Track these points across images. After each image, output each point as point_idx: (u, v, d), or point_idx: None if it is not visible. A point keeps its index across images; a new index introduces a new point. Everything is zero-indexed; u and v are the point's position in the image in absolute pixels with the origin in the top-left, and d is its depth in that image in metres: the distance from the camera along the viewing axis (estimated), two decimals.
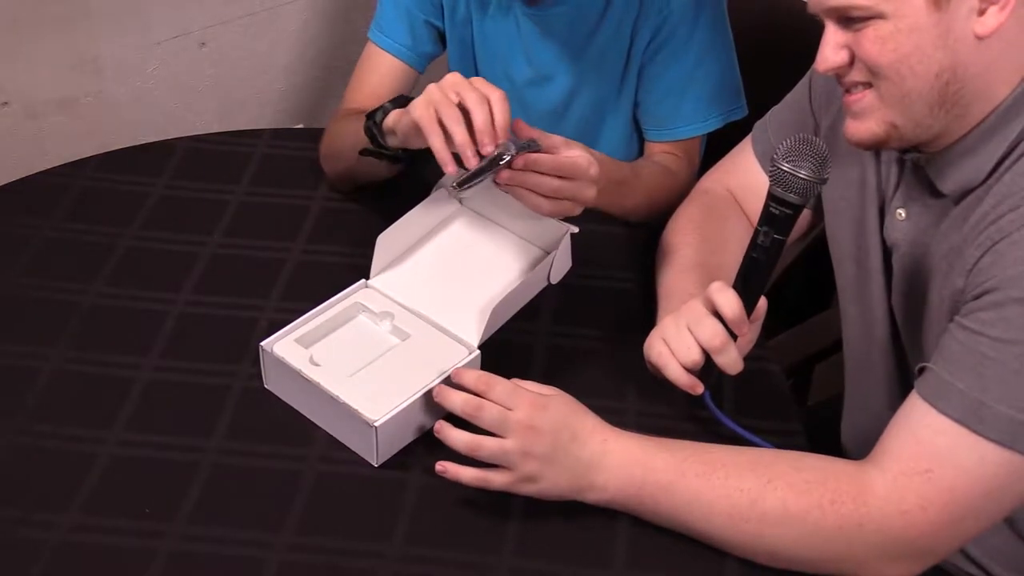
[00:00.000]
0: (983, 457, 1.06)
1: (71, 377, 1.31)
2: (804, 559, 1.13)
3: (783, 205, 1.13)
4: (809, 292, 1.73)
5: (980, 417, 1.05)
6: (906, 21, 1.06)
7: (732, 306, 1.16)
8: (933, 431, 1.07)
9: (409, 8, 1.64)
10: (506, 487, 1.16)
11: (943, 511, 1.07)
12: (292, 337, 1.29)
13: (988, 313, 1.06)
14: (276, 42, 2.40)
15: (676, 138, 1.63)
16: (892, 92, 1.11)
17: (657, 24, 1.57)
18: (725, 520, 1.12)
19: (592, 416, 1.18)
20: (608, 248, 1.51)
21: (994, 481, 1.07)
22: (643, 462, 1.15)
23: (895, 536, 1.09)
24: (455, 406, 1.17)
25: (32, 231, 1.50)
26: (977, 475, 1.06)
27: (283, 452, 1.24)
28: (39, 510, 1.17)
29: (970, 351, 1.06)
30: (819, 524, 1.10)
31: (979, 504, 1.08)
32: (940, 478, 1.07)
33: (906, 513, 1.08)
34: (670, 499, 1.14)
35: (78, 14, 2.13)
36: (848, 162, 1.27)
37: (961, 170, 1.13)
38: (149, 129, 2.21)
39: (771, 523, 1.11)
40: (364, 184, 1.54)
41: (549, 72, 1.64)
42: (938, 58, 1.08)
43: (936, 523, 1.08)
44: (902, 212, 1.21)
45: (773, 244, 1.15)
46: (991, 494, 1.08)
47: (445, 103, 1.25)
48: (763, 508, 1.11)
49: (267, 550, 1.15)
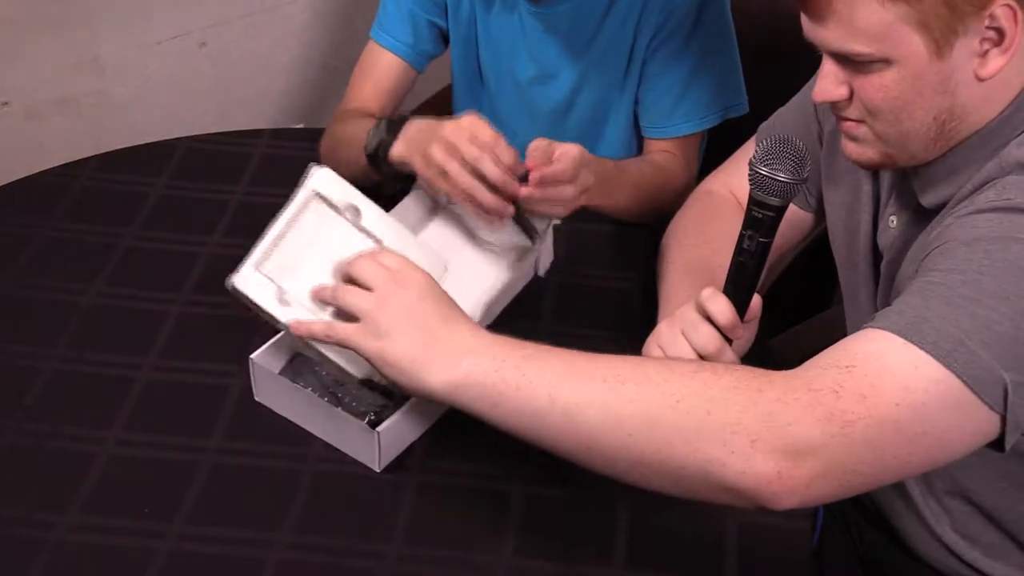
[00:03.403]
0: (916, 366, 0.95)
1: (71, 377, 1.31)
2: (677, 431, 0.97)
3: (765, 208, 1.13)
4: (809, 292, 1.73)
5: (918, 330, 0.97)
6: (909, 69, 1.04)
7: (724, 312, 1.16)
8: (865, 340, 0.99)
9: (411, 8, 1.64)
10: (350, 337, 1.11)
11: (858, 404, 0.94)
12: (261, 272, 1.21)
13: (934, 258, 1.03)
14: (276, 42, 2.40)
15: (673, 135, 1.63)
16: (889, 132, 1.10)
17: (660, 22, 1.57)
18: (598, 385, 1.00)
19: None
20: (608, 248, 1.51)
21: (921, 396, 0.95)
22: (513, 342, 1.06)
23: (793, 413, 0.95)
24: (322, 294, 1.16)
25: (32, 231, 1.50)
26: (905, 382, 0.95)
27: (282, 452, 1.24)
28: (39, 510, 1.17)
29: (913, 286, 1.02)
30: (708, 383, 0.98)
31: (903, 421, 0.95)
32: (863, 373, 0.96)
33: (816, 391, 0.95)
34: (543, 374, 1.02)
35: (78, 14, 2.13)
36: (849, 168, 1.27)
37: (941, 185, 1.13)
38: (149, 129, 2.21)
39: (652, 382, 0.99)
40: None
41: (553, 70, 1.64)
42: (938, 102, 1.06)
43: (843, 413, 0.94)
44: (894, 219, 1.20)
45: (758, 247, 1.15)
46: (919, 412, 0.95)
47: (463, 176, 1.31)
48: (646, 369, 1.02)
49: (266, 550, 1.15)
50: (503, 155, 1.31)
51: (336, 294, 1.15)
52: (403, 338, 1.08)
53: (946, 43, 1.02)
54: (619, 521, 1.18)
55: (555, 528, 1.18)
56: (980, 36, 1.02)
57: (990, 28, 1.02)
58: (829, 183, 1.32)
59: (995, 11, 1.01)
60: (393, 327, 1.09)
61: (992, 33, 1.02)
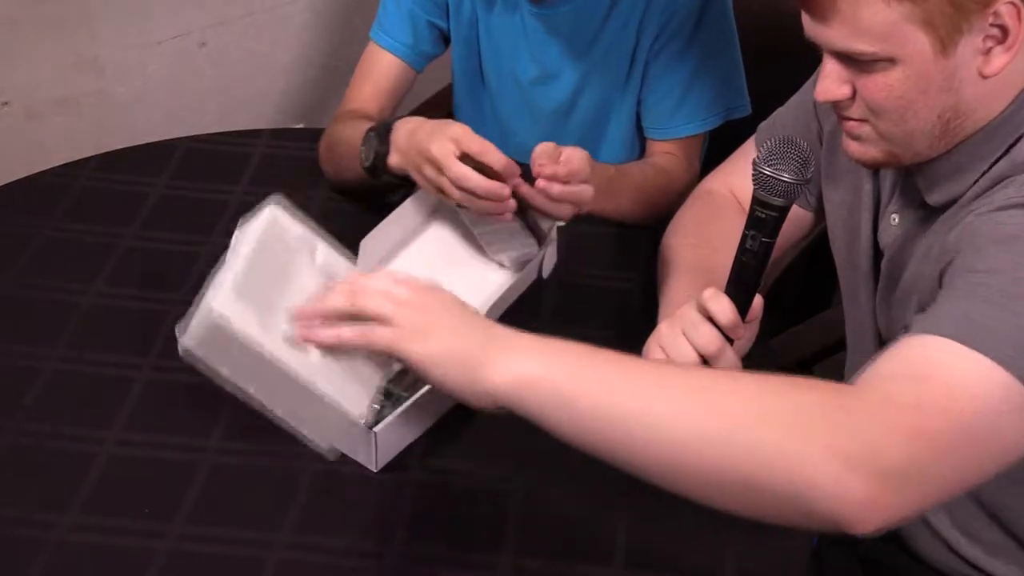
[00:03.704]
0: (981, 372, 0.95)
1: (71, 377, 1.31)
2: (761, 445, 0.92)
3: (768, 208, 1.13)
4: (809, 292, 1.73)
5: (977, 336, 0.96)
6: (914, 67, 1.04)
7: (725, 312, 1.16)
8: (925, 348, 0.97)
9: (412, 9, 1.64)
10: (391, 343, 1.00)
11: (941, 418, 0.93)
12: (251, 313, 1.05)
13: (967, 258, 1.02)
14: (276, 42, 2.40)
15: (676, 136, 1.63)
16: (893, 131, 1.10)
17: (662, 23, 1.57)
18: (669, 393, 0.95)
19: None
20: (609, 248, 1.51)
21: (993, 403, 0.95)
22: (560, 344, 0.99)
23: (881, 433, 0.92)
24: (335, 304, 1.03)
25: (32, 231, 1.50)
26: (978, 390, 0.94)
27: (282, 451, 1.24)
28: (39, 510, 1.17)
29: (956, 290, 1.01)
30: (797, 399, 0.95)
31: (975, 424, 0.95)
32: (938, 384, 0.95)
33: (901, 408, 0.93)
34: (599, 376, 0.97)
35: (78, 14, 2.13)
36: (849, 166, 1.27)
37: (948, 183, 1.13)
38: (149, 129, 2.21)
39: (744, 396, 0.95)
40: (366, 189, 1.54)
41: (554, 71, 1.64)
42: (942, 100, 1.06)
43: (927, 428, 0.93)
44: (895, 217, 1.20)
45: (761, 247, 1.15)
46: (989, 418, 0.95)
47: (455, 191, 1.31)
48: (724, 382, 0.98)
49: (266, 550, 1.15)
50: (493, 162, 1.29)
51: (356, 300, 1.02)
52: (452, 336, 0.99)
53: (951, 41, 1.02)
54: (619, 521, 1.18)
55: (555, 528, 1.18)
56: (984, 34, 1.03)
57: (994, 26, 1.02)
58: (829, 182, 1.32)
59: (999, 8, 1.01)
60: (437, 326, 1.00)
61: (996, 31, 1.03)
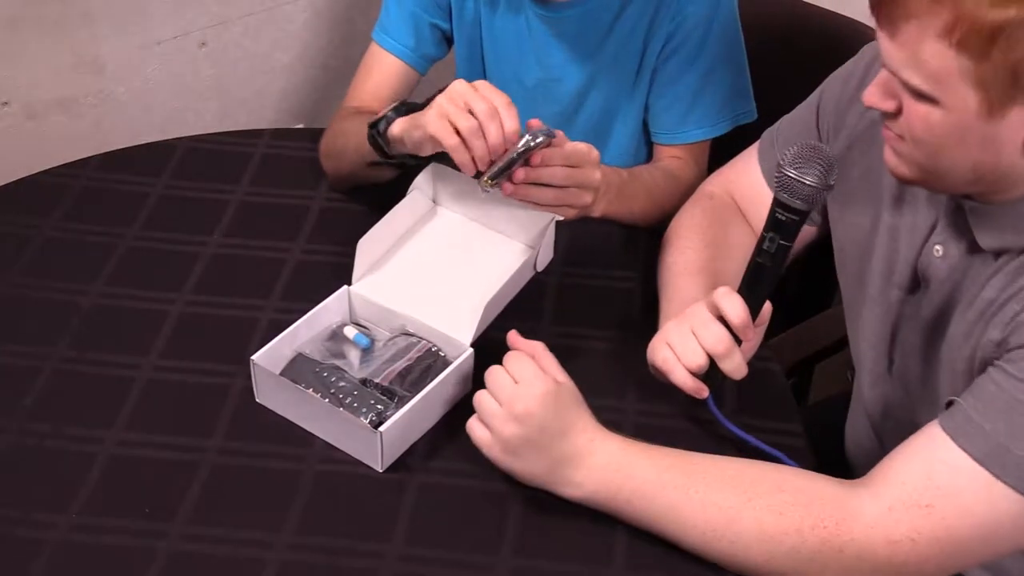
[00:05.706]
0: (993, 501, 1.03)
1: (71, 377, 1.31)
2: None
3: (789, 211, 1.13)
4: (809, 292, 1.73)
5: (1003, 462, 1.02)
6: (957, 115, 1.02)
7: (738, 312, 1.16)
8: (949, 467, 1.05)
9: (414, 10, 1.63)
10: (487, 447, 1.17)
11: (934, 546, 1.05)
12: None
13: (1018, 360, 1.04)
14: (276, 42, 2.40)
15: (685, 142, 1.63)
16: (924, 162, 1.08)
17: (671, 30, 1.56)
18: (699, 536, 1.12)
19: (587, 413, 1.17)
20: (608, 248, 1.51)
21: (997, 527, 1.04)
22: (623, 468, 1.14)
23: (876, 565, 1.06)
24: None
25: (32, 231, 1.50)
26: (982, 519, 1.04)
27: (283, 452, 1.24)
28: (39, 510, 1.17)
29: (1005, 394, 1.04)
30: (795, 548, 1.08)
31: (973, 547, 1.06)
32: (941, 515, 1.04)
33: (894, 544, 1.05)
34: (647, 507, 1.13)
35: (78, 14, 2.12)
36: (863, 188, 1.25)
37: (1003, 232, 1.10)
38: (149, 129, 2.21)
39: (745, 543, 1.10)
40: (364, 184, 1.54)
41: (559, 74, 1.64)
42: (977, 155, 1.04)
43: (923, 557, 1.05)
44: (939, 249, 1.17)
45: (779, 250, 1.15)
46: (988, 539, 1.05)
47: (461, 116, 1.28)
48: (739, 528, 1.10)
49: (267, 550, 1.15)
50: (506, 116, 1.29)
51: (483, 400, 1.17)
52: (529, 462, 1.16)
53: (1000, 105, 1.00)
54: (619, 522, 1.17)
55: (555, 528, 1.18)
56: None
57: None
58: (836, 201, 1.31)
59: None
60: (520, 450, 1.15)
61: None
